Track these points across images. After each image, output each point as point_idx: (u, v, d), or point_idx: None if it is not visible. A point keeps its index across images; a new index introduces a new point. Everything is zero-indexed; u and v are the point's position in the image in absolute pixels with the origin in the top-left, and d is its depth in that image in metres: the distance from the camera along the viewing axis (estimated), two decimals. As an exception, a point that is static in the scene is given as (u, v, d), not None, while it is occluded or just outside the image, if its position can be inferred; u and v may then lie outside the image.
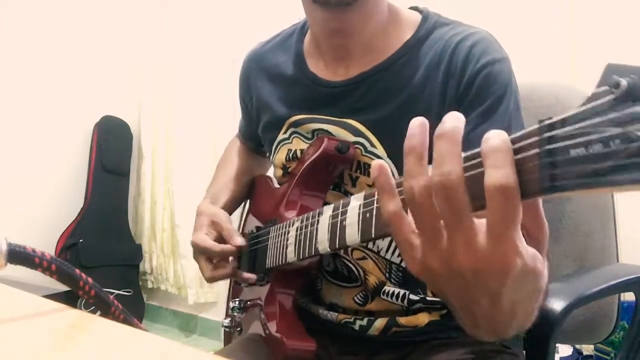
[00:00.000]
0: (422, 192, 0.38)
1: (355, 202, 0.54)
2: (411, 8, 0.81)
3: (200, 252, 0.86)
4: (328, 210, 0.61)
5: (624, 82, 0.28)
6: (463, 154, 0.38)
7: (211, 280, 0.85)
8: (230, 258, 0.85)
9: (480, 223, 0.37)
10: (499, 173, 0.34)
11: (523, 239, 0.37)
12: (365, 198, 0.52)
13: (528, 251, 0.38)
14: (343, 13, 0.73)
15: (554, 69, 1.63)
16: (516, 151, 0.34)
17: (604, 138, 0.28)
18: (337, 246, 0.58)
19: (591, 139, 0.29)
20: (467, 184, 0.37)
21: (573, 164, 0.30)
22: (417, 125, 0.40)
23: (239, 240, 0.83)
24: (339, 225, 0.57)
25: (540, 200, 0.39)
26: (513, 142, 0.35)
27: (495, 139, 0.35)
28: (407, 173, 0.39)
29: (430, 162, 0.39)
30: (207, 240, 0.84)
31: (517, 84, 0.72)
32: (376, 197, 0.49)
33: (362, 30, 0.76)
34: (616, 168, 0.28)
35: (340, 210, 0.57)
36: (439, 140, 0.38)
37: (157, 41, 2.70)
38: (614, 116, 0.28)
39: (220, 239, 0.86)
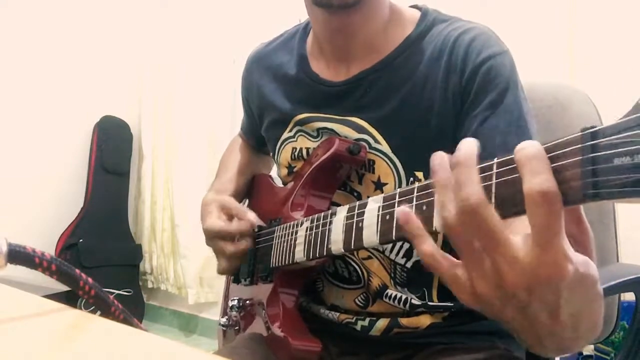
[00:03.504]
0: (455, 219, 0.38)
1: (374, 204, 0.54)
2: (411, 6, 0.81)
3: (214, 236, 0.83)
4: (342, 212, 0.61)
5: None
6: (496, 160, 0.38)
7: (233, 255, 0.82)
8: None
9: (520, 237, 0.37)
10: (538, 179, 0.34)
11: (570, 246, 0.36)
12: (384, 200, 0.52)
13: (578, 257, 0.37)
14: (345, 14, 0.73)
15: (554, 69, 1.63)
16: (555, 158, 0.34)
17: None
18: (352, 247, 0.58)
19: (637, 148, 0.29)
20: (501, 191, 0.37)
21: (617, 172, 0.30)
22: (437, 161, 0.41)
23: (253, 216, 0.82)
24: (355, 226, 0.57)
25: (581, 207, 0.39)
26: (552, 149, 0.35)
27: (530, 147, 0.35)
28: (438, 204, 0.40)
29: None
30: (220, 223, 0.83)
31: (519, 77, 0.72)
32: (397, 199, 0.50)
33: (364, 31, 0.76)
34: None
35: (357, 211, 0.57)
36: (454, 168, 0.39)
37: (157, 41, 2.70)
38: None
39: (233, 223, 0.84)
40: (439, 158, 0.41)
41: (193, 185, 2.55)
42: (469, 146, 0.39)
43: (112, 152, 2.67)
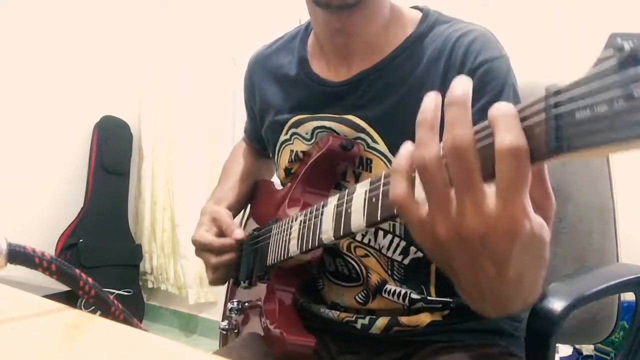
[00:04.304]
0: (433, 160, 0.39)
1: (361, 188, 0.54)
2: (412, 7, 0.82)
3: (200, 248, 0.86)
4: (333, 200, 0.61)
5: (627, 46, 0.29)
6: (474, 128, 0.39)
7: (216, 266, 0.85)
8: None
9: (490, 187, 0.38)
10: (509, 136, 0.35)
11: (531, 204, 0.38)
12: (371, 183, 0.53)
13: (536, 217, 0.38)
14: (345, 14, 0.73)
15: (554, 69, 1.63)
16: (524, 119, 0.36)
17: (608, 99, 0.29)
18: (341, 234, 0.58)
19: (596, 101, 0.30)
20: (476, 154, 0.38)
21: (579, 125, 0.31)
22: (431, 99, 0.41)
23: (239, 234, 0.84)
24: (344, 212, 0.57)
25: (546, 171, 0.41)
26: (520, 110, 0.36)
27: (503, 106, 0.37)
28: (418, 143, 0.41)
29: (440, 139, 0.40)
30: (207, 236, 0.85)
31: (516, 81, 0.72)
32: (382, 181, 0.50)
33: (364, 31, 0.76)
34: (620, 125, 0.29)
35: (346, 198, 0.58)
36: (449, 107, 0.39)
37: (157, 41, 2.70)
38: (618, 78, 0.29)
39: (222, 235, 0.86)
40: (433, 99, 0.41)
41: (193, 185, 2.55)
42: (464, 86, 0.40)
43: (112, 152, 2.67)
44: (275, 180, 0.99)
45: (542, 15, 1.67)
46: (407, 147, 0.43)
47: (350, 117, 0.77)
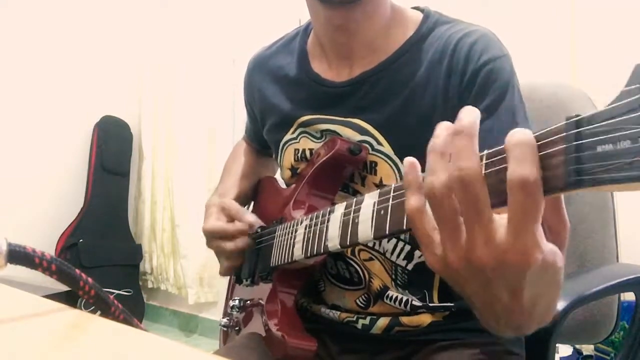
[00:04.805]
0: (442, 187, 0.39)
1: (370, 199, 0.54)
2: (413, 8, 0.81)
3: (213, 237, 0.85)
4: (340, 208, 0.61)
5: None
6: (486, 151, 0.39)
7: (232, 252, 0.84)
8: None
9: (500, 218, 0.37)
10: (521, 167, 0.35)
11: (543, 234, 0.37)
12: (380, 195, 0.52)
13: (547, 245, 0.38)
14: (346, 10, 0.73)
15: (554, 69, 1.63)
16: (541, 147, 0.35)
17: (632, 135, 0.29)
18: (347, 243, 0.58)
19: (619, 136, 0.30)
20: (488, 180, 0.38)
21: (600, 159, 0.30)
22: (443, 128, 0.41)
23: (251, 217, 0.83)
24: (351, 222, 0.57)
25: (562, 196, 0.40)
26: (538, 139, 0.35)
27: (519, 134, 0.36)
28: (428, 170, 0.40)
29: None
30: (219, 224, 0.85)
31: (518, 80, 0.72)
32: (391, 194, 0.50)
33: (365, 29, 0.76)
34: None
35: (354, 207, 0.57)
36: (456, 137, 0.39)
37: (157, 41, 2.70)
38: None
39: (232, 222, 0.86)
40: (445, 127, 0.41)
41: (193, 185, 2.55)
42: (471, 115, 0.39)
43: (112, 152, 2.67)
44: (278, 177, 0.99)
45: (542, 15, 1.67)
46: (410, 161, 0.43)
47: (356, 120, 0.77)
